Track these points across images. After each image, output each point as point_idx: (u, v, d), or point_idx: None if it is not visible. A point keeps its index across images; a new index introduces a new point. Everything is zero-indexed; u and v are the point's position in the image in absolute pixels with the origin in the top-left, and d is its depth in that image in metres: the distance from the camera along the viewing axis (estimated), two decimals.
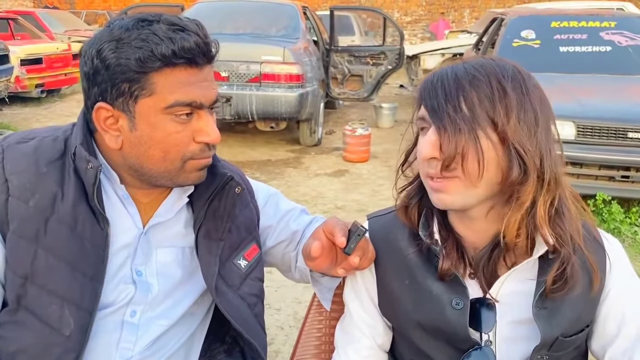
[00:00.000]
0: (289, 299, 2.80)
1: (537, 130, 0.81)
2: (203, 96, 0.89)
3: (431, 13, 15.74)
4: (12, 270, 0.86)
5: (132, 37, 0.84)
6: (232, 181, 1.00)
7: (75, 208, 0.88)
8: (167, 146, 0.88)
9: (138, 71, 0.84)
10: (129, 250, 0.95)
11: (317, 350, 1.11)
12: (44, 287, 0.86)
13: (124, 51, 0.84)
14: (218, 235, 1.01)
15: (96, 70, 0.87)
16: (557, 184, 0.83)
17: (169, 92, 0.86)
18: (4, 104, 7.70)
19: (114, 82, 0.86)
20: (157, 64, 0.84)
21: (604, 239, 0.93)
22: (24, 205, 0.87)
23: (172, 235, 1.01)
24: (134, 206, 0.96)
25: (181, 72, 0.87)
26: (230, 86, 5.45)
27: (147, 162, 0.90)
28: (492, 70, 0.82)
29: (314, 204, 4.40)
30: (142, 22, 0.86)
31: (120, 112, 0.88)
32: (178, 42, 0.84)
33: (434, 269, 0.90)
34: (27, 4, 15.99)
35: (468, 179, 0.81)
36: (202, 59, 0.89)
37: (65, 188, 0.89)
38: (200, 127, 0.90)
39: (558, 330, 0.86)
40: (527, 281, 0.88)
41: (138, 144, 0.89)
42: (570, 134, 3.75)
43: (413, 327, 0.93)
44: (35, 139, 0.93)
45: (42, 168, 0.89)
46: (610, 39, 4.90)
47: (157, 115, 0.87)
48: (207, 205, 0.99)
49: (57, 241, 0.87)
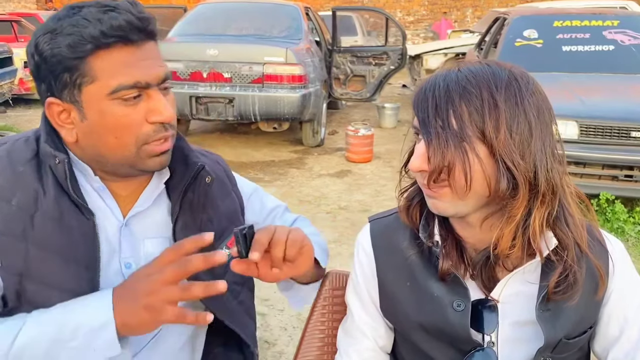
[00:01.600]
0: None
1: (531, 142, 0.79)
2: (147, 75, 0.87)
3: (434, 13, 15.72)
4: (5, 269, 0.86)
5: (64, 25, 0.83)
6: (202, 171, 1.00)
7: (58, 202, 0.88)
8: (119, 131, 0.87)
9: (73, 57, 0.83)
10: (112, 243, 0.95)
11: (320, 351, 1.11)
12: (41, 281, 0.86)
13: (57, 41, 0.83)
14: (196, 226, 1.00)
15: (37, 66, 0.86)
16: (554, 194, 0.81)
17: (110, 76, 0.84)
18: (7, 106, 7.73)
19: (54, 74, 0.85)
20: (88, 46, 0.82)
21: (607, 241, 0.93)
22: (6, 205, 0.87)
23: (155, 225, 1.00)
24: (111, 198, 0.96)
25: (118, 52, 0.84)
26: (233, 87, 5.45)
27: (104, 151, 0.89)
28: (485, 79, 0.80)
29: (317, 204, 4.41)
30: (73, 9, 0.85)
31: (69, 103, 0.87)
32: (106, 22, 0.82)
33: (435, 270, 0.90)
34: (30, 6, 16.04)
35: (456, 190, 0.81)
36: (137, 35, 0.86)
37: (45, 184, 0.89)
38: (151, 107, 0.88)
39: (561, 332, 0.86)
40: (530, 284, 0.88)
41: (91, 132, 0.88)
42: (573, 133, 3.75)
43: (415, 329, 0.93)
44: (6, 144, 0.93)
45: (19, 167, 0.89)
46: (613, 38, 4.88)
47: (103, 101, 0.85)
48: (181, 197, 0.99)
49: (45, 235, 0.87)
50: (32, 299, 0.87)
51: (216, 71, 5.39)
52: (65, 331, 0.80)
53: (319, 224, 3.98)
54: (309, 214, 4.19)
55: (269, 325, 2.61)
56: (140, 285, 0.80)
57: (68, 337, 0.80)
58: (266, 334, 2.55)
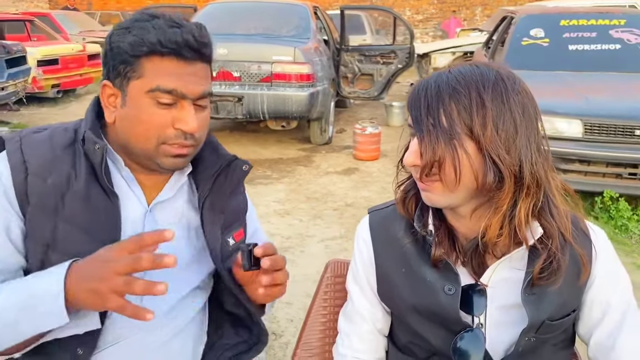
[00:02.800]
0: (299, 294, 2.88)
1: (516, 138, 0.85)
2: (185, 87, 0.98)
3: (443, 11, 15.72)
4: (34, 240, 0.96)
5: (135, 27, 0.97)
6: (237, 160, 1.12)
7: (88, 186, 0.99)
8: (148, 125, 0.99)
9: (131, 54, 0.97)
10: (136, 227, 1.04)
11: (322, 334, 1.19)
12: (65, 253, 0.94)
13: (125, 37, 0.97)
14: (221, 207, 1.11)
15: (106, 53, 1.01)
16: (539, 187, 0.88)
17: (153, 77, 0.97)
18: (21, 104, 7.86)
19: (114, 62, 0.99)
20: (144, 49, 0.96)
21: (591, 230, 0.99)
22: (42, 182, 0.97)
23: (177, 214, 1.10)
24: (138, 187, 1.06)
25: (169, 62, 0.97)
26: (242, 86, 5.53)
27: (132, 139, 1.01)
28: (473, 80, 0.87)
29: (324, 201, 4.48)
30: (148, 16, 0.99)
31: (118, 89, 1.00)
32: (167, 35, 0.95)
33: (428, 257, 0.96)
34: (43, 6, 16.22)
35: (446, 184, 0.88)
36: (190, 54, 0.98)
37: (78, 170, 0.99)
38: (180, 116, 0.99)
39: (545, 314, 0.93)
40: (517, 270, 0.94)
41: (126, 119, 1.00)
42: (577, 131, 3.79)
43: (409, 311, 1.00)
44: (48, 130, 1.05)
45: (57, 152, 1.00)
46: (619, 37, 4.90)
47: (142, 96, 0.98)
48: (213, 179, 1.10)
49: (74, 213, 0.97)
50: None
51: (225, 70, 5.47)
52: (30, 299, 0.88)
53: (326, 220, 4.05)
54: (315, 210, 4.27)
55: (275, 318, 2.68)
56: (96, 269, 0.85)
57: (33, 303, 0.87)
58: (273, 326, 2.62)
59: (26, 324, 0.88)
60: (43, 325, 0.89)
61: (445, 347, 0.96)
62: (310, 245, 3.63)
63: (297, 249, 3.57)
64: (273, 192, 4.72)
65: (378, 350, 1.09)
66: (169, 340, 1.06)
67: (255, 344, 1.17)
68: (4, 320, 0.88)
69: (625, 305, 0.96)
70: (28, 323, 0.88)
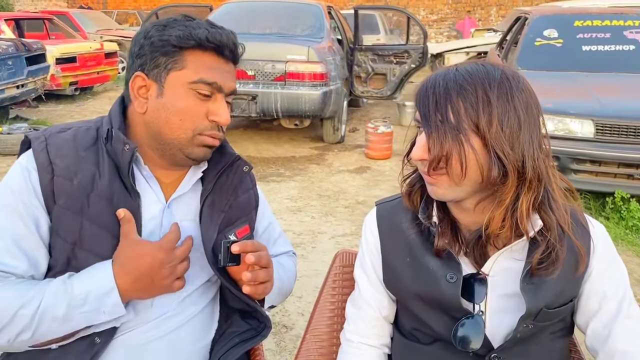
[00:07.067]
0: (309, 288, 2.94)
1: (519, 135, 0.89)
2: (223, 82, 1.06)
3: (457, 11, 15.69)
4: (62, 237, 1.02)
5: (177, 24, 1.05)
6: (240, 160, 1.18)
7: (111, 185, 1.04)
8: (185, 115, 1.05)
9: (175, 46, 1.03)
10: (155, 222, 1.09)
11: (331, 321, 1.24)
12: (91, 251, 1.02)
13: (167, 31, 1.04)
14: (221, 206, 1.15)
15: (141, 47, 1.06)
16: (540, 181, 0.92)
17: (196, 69, 1.04)
18: (40, 101, 8.01)
19: (153, 55, 1.04)
20: (191, 42, 1.03)
21: (590, 224, 1.03)
22: (69, 183, 1.02)
23: (192, 209, 1.14)
24: (157, 184, 1.11)
25: (210, 57, 1.06)
26: (256, 84, 5.60)
27: (165, 128, 1.06)
28: (479, 78, 0.91)
29: (336, 198, 4.53)
30: (186, 18, 1.08)
31: (153, 81, 1.05)
32: (212, 33, 1.05)
33: (431, 247, 1.01)
34: (62, 4, 16.45)
35: (453, 178, 0.92)
36: (228, 53, 1.08)
37: (101, 168, 1.05)
38: (214, 108, 1.06)
39: (542, 302, 0.97)
40: (517, 261, 0.99)
41: (161, 109, 1.05)
42: (589, 132, 3.80)
43: (413, 298, 1.05)
44: (72, 129, 1.09)
45: (81, 152, 1.05)
46: (634, 38, 4.88)
47: (183, 87, 1.04)
48: (215, 178, 1.15)
49: (98, 213, 1.03)
50: (80, 265, 1.02)
51: (240, 68, 5.51)
52: (77, 298, 0.97)
53: (337, 218, 4.10)
54: (327, 207, 4.32)
55: (287, 311, 2.74)
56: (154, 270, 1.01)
57: (79, 303, 0.97)
58: (284, 319, 2.68)
59: (78, 318, 0.98)
60: (96, 318, 0.99)
61: (447, 333, 1.01)
62: (321, 242, 3.68)
63: (308, 245, 3.63)
64: (285, 189, 4.78)
65: (383, 336, 1.14)
66: (178, 328, 1.11)
67: (262, 330, 1.22)
68: (53, 315, 0.96)
69: (621, 297, 1.00)
70: (80, 317, 0.98)
